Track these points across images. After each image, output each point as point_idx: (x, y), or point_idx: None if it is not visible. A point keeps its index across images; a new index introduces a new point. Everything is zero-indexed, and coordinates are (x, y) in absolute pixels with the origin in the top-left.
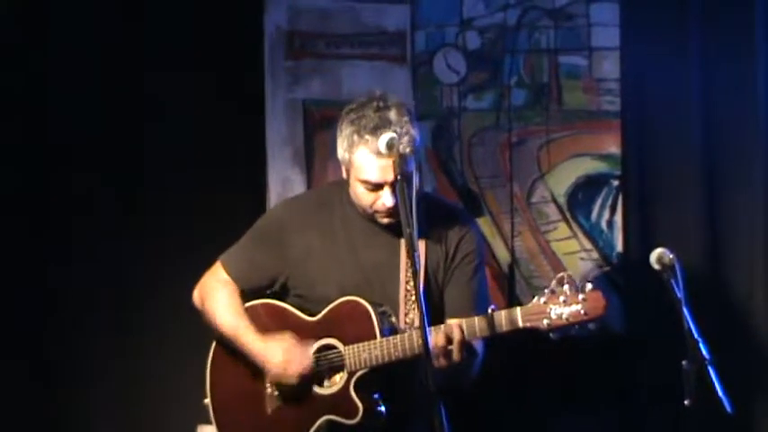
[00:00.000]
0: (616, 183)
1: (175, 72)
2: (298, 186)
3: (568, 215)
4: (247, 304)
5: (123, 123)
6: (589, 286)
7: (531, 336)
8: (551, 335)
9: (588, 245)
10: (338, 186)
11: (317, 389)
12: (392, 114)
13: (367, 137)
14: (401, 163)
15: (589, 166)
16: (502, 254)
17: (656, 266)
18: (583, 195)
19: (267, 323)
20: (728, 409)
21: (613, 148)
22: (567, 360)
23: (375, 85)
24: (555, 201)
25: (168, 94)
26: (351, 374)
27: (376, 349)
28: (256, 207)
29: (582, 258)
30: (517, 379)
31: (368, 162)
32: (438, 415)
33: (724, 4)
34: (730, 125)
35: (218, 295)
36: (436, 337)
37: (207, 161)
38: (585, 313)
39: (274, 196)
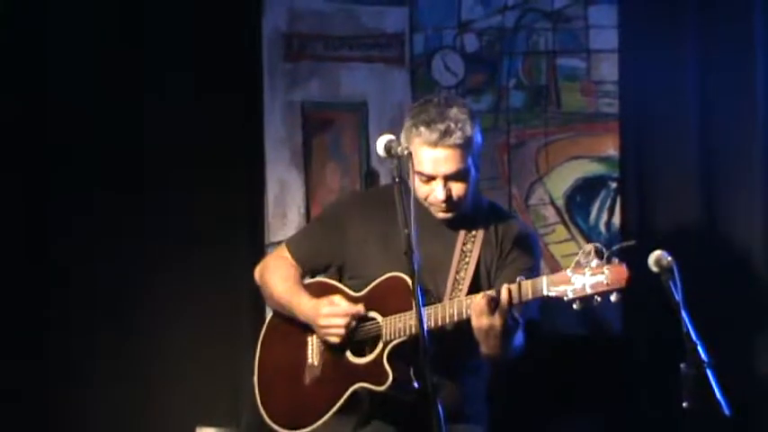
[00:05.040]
0: (614, 185)
1: (174, 73)
2: (295, 188)
3: (567, 217)
4: None
5: (122, 123)
6: (615, 260)
7: (556, 305)
8: (574, 305)
9: None
10: None
11: (353, 359)
12: (452, 111)
13: (422, 128)
14: (399, 166)
15: (587, 169)
16: None
17: (655, 269)
18: (581, 197)
19: (315, 297)
20: (727, 412)
21: (611, 150)
22: (565, 361)
23: (373, 87)
24: (553, 203)
25: (167, 95)
26: (386, 344)
27: (411, 319)
28: (254, 208)
29: None
30: (517, 379)
31: (422, 153)
32: (435, 413)
33: (722, 6)
34: (728, 127)
35: (277, 270)
36: (480, 300)
37: (205, 162)
38: (608, 284)
39: (272, 198)
